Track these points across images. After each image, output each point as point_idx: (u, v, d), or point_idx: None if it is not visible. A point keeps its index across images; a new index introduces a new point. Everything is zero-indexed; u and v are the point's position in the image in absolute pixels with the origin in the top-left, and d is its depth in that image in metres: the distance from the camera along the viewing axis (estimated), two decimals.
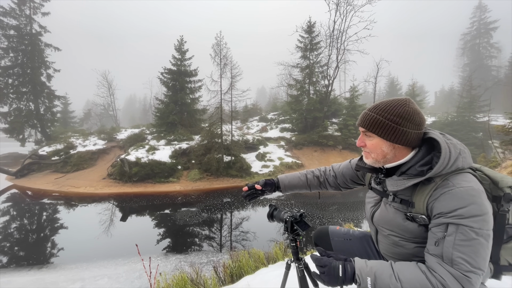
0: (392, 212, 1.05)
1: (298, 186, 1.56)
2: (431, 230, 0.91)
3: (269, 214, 1.48)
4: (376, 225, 1.16)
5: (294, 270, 1.37)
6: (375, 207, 1.17)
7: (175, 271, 5.52)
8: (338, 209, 10.50)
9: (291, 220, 1.34)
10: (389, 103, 1.01)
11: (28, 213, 10.74)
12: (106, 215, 10.15)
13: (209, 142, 15.45)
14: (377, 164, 1.08)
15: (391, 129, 0.98)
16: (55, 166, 16.50)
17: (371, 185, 1.24)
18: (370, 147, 1.06)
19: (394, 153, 1.03)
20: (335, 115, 21.70)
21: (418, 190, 0.97)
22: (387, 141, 1.01)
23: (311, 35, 20.79)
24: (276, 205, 1.52)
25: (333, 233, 1.48)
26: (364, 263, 0.94)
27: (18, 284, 5.10)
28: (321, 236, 1.50)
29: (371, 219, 1.19)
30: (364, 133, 1.08)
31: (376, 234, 1.19)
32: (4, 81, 20.72)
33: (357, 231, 1.47)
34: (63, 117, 30.11)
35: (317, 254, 1.05)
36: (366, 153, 1.11)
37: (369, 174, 1.30)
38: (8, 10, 20.60)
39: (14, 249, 7.45)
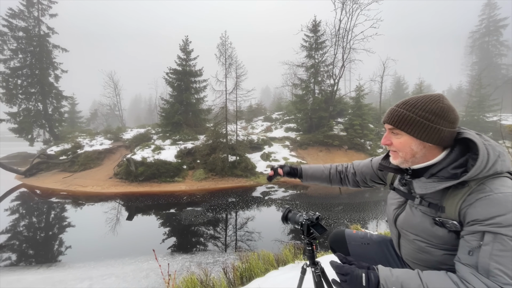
0: (419, 216, 0.99)
1: (320, 178, 1.55)
2: (464, 238, 0.84)
3: (283, 216, 1.43)
4: (399, 229, 1.10)
5: (310, 274, 1.32)
6: (398, 209, 1.11)
7: (181, 270, 5.51)
8: (344, 209, 10.38)
9: (307, 223, 1.29)
10: (420, 99, 0.95)
11: (36, 212, 10.90)
12: (113, 214, 10.23)
13: (214, 142, 15.47)
14: (405, 164, 1.02)
15: (422, 126, 0.92)
16: (63, 166, 16.74)
17: (394, 186, 1.18)
18: (398, 146, 1.00)
19: (424, 152, 0.96)
20: (341, 114, 21.52)
21: (449, 194, 0.90)
22: (417, 139, 0.95)
23: (316, 34, 20.65)
24: (290, 207, 1.48)
25: (349, 237, 1.42)
26: (389, 271, 0.89)
27: (27, 283, 5.17)
28: (337, 240, 1.45)
29: (394, 222, 1.13)
30: (391, 131, 1.02)
31: (398, 238, 1.13)
32: (13, 82, 21.11)
33: (375, 235, 1.42)
34: (71, 117, 30.55)
35: (336, 261, 1.00)
36: (393, 152, 1.04)
37: (391, 174, 1.24)
38: (17, 12, 20.99)
39: (23, 247, 7.56)
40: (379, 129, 20.65)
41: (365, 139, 18.81)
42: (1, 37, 20.64)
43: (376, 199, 12.12)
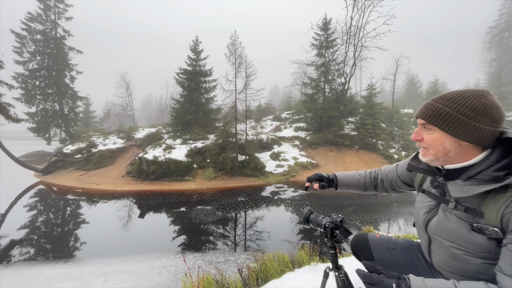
0: (454, 221, 0.92)
1: (356, 187, 1.50)
2: (507, 247, 0.78)
3: (305, 218, 1.40)
4: (430, 234, 1.04)
5: (333, 278, 1.28)
6: (430, 213, 1.04)
7: (193, 269, 5.56)
8: (355, 210, 10.20)
9: (330, 226, 1.26)
10: (460, 94, 0.88)
11: (53, 208, 11.29)
12: (125, 211, 10.47)
13: (223, 142, 15.55)
14: (436, 163, 0.96)
15: (459, 123, 0.85)
16: (78, 164, 17.27)
17: (424, 188, 1.12)
18: (429, 142, 0.94)
19: (459, 151, 0.90)
20: (352, 114, 21.14)
21: (489, 198, 0.84)
22: (451, 137, 0.88)
23: (327, 32, 20.34)
24: (312, 209, 1.44)
25: (373, 241, 1.37)
26: (422, 281, 0.82)
27: (46, 277, 5.36)
28: (360, 244, 1.39)
29: (424, 227, 1.06)
30: (423, 126, 0.96)
31: (429, 244, 1.07)
32: (32, 83, 21.97)
33: (400, 239, 1.35)
34: (85, 117, 31.49)
35: (363, 270, 0.95)
36: (424, 149, 0.98)
37: (419, 176, 1.17)
38: (35, 15, 21.81)
39: (41, 242, 7.84)
40: (391, 129, 20.15)
41: (377, 139, 18.40)
42: (20, 40, 21.51)
43: (388, 201, 11.85)
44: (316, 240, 7.39)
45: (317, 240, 7.30)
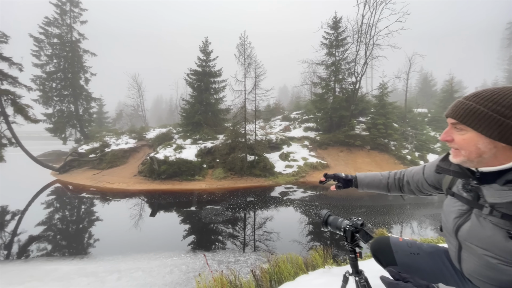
0: (489, 228, 0.86)
1: (377, 187, 1.50)
2: None
3: (323, 221, 1.37)
4: (461, 241, 0.98)
5: (353, 283, 1.24)
6: (460, 218, 0.98)
7: (204, 268, 5.59)
8: (367, 212, 9.99)
9: (351, 229, 1.22)
10: (497, 91, 0.82)
11: (69, 206, 11.67)
12: (137, 210, 10.68)
13: (233, 142, 15.61)
14: (468, 164, 0.90)
15: (495, 123, 0.79)
16: (92, 163, 17.78)
17: (453, 191, 1.05)
18: (461, 143, 0.88)
19: (495, 153, 0.83)
20: (363, 113, 20.75)
21: None
22: (486, 137, 0.82)
23: (337, 31, 20.06)
24: (330, 211, 1.41)
25: (395, 245, 1.31)
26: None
27: (63, 272, 5.53)
28: (381, 248, 1.34)
29: (454, 233, 1.00)
30: (454, 126, 0.91)
31: (459, 251, 1.01)
32: (49, 85, 22.82)
33: (425, 244, 1.29)
34: (98, 117, 32.37)
35: (388, 277, 0.90)
36: (455, 150, 0.93)
37: (448, 178, 1.11)
38: (52, 20, 22.63)
39: (57, 238, 8.11)
40: (404, 129, 19.63)
41: (389, 139, 17.97)
42: (38, 43, 22.38)
43: (402, 203, 11.54)
44: (327, 242, 7.28)
45: (327, 242, 7.19)
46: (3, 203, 11.80)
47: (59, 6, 22.87)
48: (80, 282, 5.10)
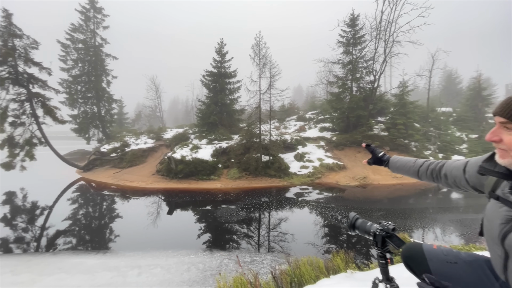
0: None
1: (408, 172, 1.49)
2: None
3: (350, 224, 1.32)
4: (509, 249, 0.90)
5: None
6: (507, 225, 0.89)
7: (220, 267, 5.64)
8: (385, 216, 9.62)
9: (381, 234, 1.16)
10: None
11: (92, 202, 12.26)
12: (155, 208, 11.01)
13: (248, 142, 15.65)
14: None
15: None
16: (113, 162, 18.57)
17: (498, 194, 0.97)
18: (510, 144, 0.82)
19: None
20: (382, 113, 20.06)
21: None
22: None
23: (354, 28, 19.54)
24: (357, 214, 1.36)
25: (429, 252, 1.23)
26: None
27: (88, 266, 5.81)
28: (414, 255, 1.26)
29: (500, 241, 0.92)
30: (503, 125, 0.85)
31: (505, 260, 0.93)
32: (74, 88, 24.13)
33: (463, 253, 1.20)
34: (119, 118, 33.74)
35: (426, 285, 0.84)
36: (502, 151, 0.87)
37: (492, 179, 1.02)
38: (77, 26, 23.90)
39: (81, 233, 8.54)
40: (426, 129, 18.72)
41: (409, 140, 17.23)
42: (65, 49, 23.73)
43: (423, 206, 11.03)
44: (343, 245, 7.10)
45: (343, 245, 7.00)
46: (33, 199, 12.63)
47: (84, 13, 24.11)
48: (104, 276, 5.33)
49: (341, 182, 14.29)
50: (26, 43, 15.49)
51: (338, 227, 8.34)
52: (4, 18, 14.80)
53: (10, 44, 14.86)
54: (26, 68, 15.58)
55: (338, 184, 14.18)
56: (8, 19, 14.88)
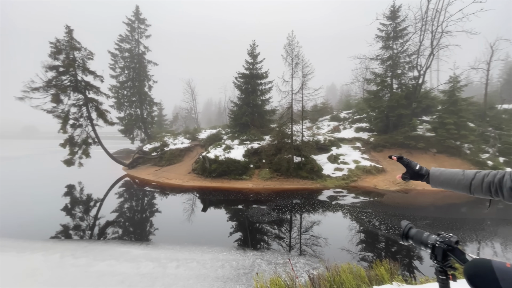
0: None
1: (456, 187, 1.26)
2: None
3: (403, 233, 1.21)
4: None
5: None
6: None
7: (253, 266, 5.69)
8: (432, 225, 8.71)
9: (442, 246, 1.04)
10: None
11: (135, 197, 13.38)
12: (190, 204, 11.58)
13: (279, 142, 15.55)
14: None
15: None
16: (154, 160, 20.06)
17: None
18: None
19: None
20: (427, 111, 18.25)
21: None
22: None
23: (395, 21, 18.14)
24: (410, 223, 1.24)
25: (502, 271, 1.05)
26: None
27: (133, 255, 6.37)
28: (482, 273, 1.09)
29: None
30: None
31: None
32: (121, 93, 26.69)
33: None
34: (159, 120, 36.33)
35: None
36: None
37: None
38: (124, 37, 26.40)
39: (126, 224, 9.37)
40: (483, 129, 16.45)
41: (462, 141, 15.33)
42: (114, 58, 26.39)
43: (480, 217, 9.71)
44: (381, 253, 6.61)
45: (381, 254, 6.51)
46: (88, 192, 14.28)
47: (130, 24, 26.54)
48: (147, 266, 5.79)
49: (379, 186, 13.37)
50: (83, 55, 17.59)
51: (376, 234, 7.81)
52: (66, 34, 17.03)
53: (71, 56, 17.02)
54: (83, 76, 17.69)
55: (376, 188, 13.29)
56: (69, 34, 17.08)
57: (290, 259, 2.69)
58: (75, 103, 17.58)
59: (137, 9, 26.87)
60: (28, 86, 15.45)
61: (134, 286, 5.02)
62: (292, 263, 5.71)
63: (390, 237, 7.50)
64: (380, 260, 2.72)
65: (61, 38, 16.79)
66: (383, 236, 7.64)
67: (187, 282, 5.09)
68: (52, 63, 16.41)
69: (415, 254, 6.52)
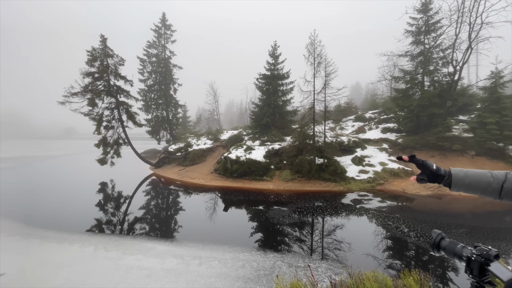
0: None
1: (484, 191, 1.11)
2: None
3: (434, 244, 1.12)
4: None
5: None
6: None
7: (273, 268, 5.66)
8: (469, 233, 7.97)
9: (479, 260, 0.95)
10: None
11: (161, 195, 14.00)
12: (212, 204, 11.84)
13: (301, 143, 15.30)
14: None
15: None
16: (178, 160, 20.86)
17: None
18: None
19: None
20: (464, 110, 16.82)
21: None
22: None
23: (427, 14, 16.97)
24: (442, 232, 1.14)
25: None
26: None
27: (159, 251, 6.68)
28: None
29: None
30: None
31: None
32: (149, 96, 28.17)
33: None
34: (183, 121, 37.75)
35: None
36: None
37: None
38: (152, 43, 27.84)
39: (153, 221, 9.82)
40: None
41: (505, 143, 13.88)
42: (142, 63, 27.96)
43: None
44: (410, 262, 6.19)
45: (411, 262, 6.09)
46: (119, 189, 15.25)
47: (157, 30, 27.94)
48: (171, 262, 6.03)
49: (408, 190, 12.57)
50: (115, 61, 18.86)
51: (405, 241, 7.34)
52: (100, 42, 18.40)
53: (105, 63, 18.35)
54: (115, 81, 18.96)
55: (404, 192, 12.51)
56: (103, 42, 18.43)
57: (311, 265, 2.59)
58: (108, 106, 18.90)
59: (163, 16, 28.21)
60: (68, 91, 16.93)
61: (160, 281, 5.25)
62: (314, 267, 5.57)
63: (421, 245, 7.01)
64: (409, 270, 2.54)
65: (96, 46, 18.18)
66: (413, 243, 7.17)
67: (208, 280, 5.21)
68: (89, 70, 17.83)
69: (450, 264, 6.02)
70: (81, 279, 5.43)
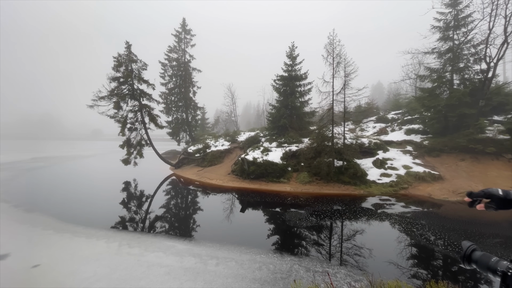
0: None
1: None
2: None
3: (464, 255, 1.05)
4: None
5: None
6: None
7: (290, 271, 5.58)
8: (504, 244, 7.31)
9: None
10: None
11: (180, 195, 14.40)
12: (229, 204, 11.96)
13: (319, 145, 15.01)
14: None
15: None
16: (197, 161, 21.36)
17: None
18: None
19: None
20: (499, 110, 15.52)
21: None
22: None
23: (456, 7, 15.96)
24: (473, 244, 1.06)
25: None
26: None
27: (178, 250, 6.88)
28: None
29: None
30: None
31: None
32: (170, 99, 29.21)
33: None
34: (202, 123, 38.65)
35: None
36: None
37: None
38: (172, 47, 28.87)
39: (172, 220, 10.12)
40: None
41: None
42: (164, 67, 29.08)
43: None
44: (438, 272, 5.80)
45: (438, 272, 5.70)
46: (141, 188, 15.92)
47: (177, 35, 28.95)
48: (190, 261, 6.18)
49: (435, 196, 11.83)
50: (139, 66, 19.79)
51: (431, 250, 6.91)
52: (125, 48, 19.41)
53: (129, 68, 19.33)
54: (138, 85, 19.89)
55: (431, 197, 11.80)
56: (128, 49, 19.42)
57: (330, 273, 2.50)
58: (132, 109, 19.85)
59: (183, 21, 29.19)
60: (96, 95, 18.04)
61: (179, 279, 5.40)
62: (332, 273, 5.42)
63: (449, 255, 6.56)
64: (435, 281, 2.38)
65: (121, 52, 19.22)
66: (440, 252, 6.73)
67: (226, 281, 5.26)
68: (115, 75, 18.88)
69: (483, 277, 5.57)
70: (107, 272, 5.73)
